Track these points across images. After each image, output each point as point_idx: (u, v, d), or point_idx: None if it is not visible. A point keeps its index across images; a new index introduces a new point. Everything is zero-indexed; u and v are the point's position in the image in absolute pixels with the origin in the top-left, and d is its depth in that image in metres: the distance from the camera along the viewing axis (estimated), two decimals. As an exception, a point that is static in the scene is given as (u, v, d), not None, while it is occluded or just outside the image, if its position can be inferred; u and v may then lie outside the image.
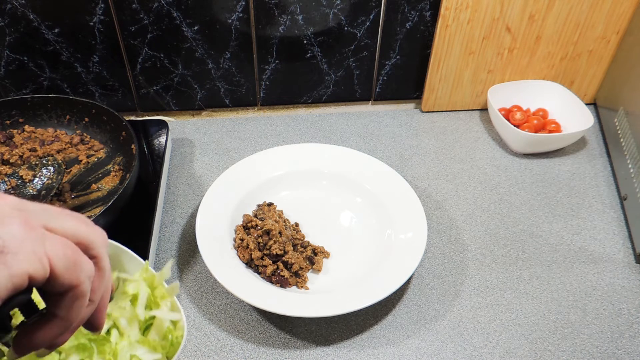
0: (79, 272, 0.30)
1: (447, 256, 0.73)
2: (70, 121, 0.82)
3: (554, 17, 0.84)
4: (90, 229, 0.32)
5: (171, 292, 0.47)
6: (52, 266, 0.28)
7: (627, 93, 0.84)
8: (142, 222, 0.72)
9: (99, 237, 0.33)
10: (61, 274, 0.28)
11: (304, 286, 0.67)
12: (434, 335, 0.65)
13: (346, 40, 0.87)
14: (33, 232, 0.27)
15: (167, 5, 0.80)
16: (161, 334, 0.45)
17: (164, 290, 0.47)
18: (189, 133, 0.91)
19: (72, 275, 0.29)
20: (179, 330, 0.46)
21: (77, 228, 0.31)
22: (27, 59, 0.84)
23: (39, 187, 0.71)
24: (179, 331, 0.46)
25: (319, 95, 0.94)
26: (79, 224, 0.31)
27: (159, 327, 0.45)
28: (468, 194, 0.82)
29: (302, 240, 0.72)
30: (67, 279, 0.29)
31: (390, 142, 0.90)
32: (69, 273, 0.29)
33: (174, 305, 0.47)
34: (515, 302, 0.68)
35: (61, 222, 0.30)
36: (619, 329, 0.66)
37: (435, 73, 0.90)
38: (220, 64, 0.88)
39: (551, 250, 0.74)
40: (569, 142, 0.86)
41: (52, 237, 0.29)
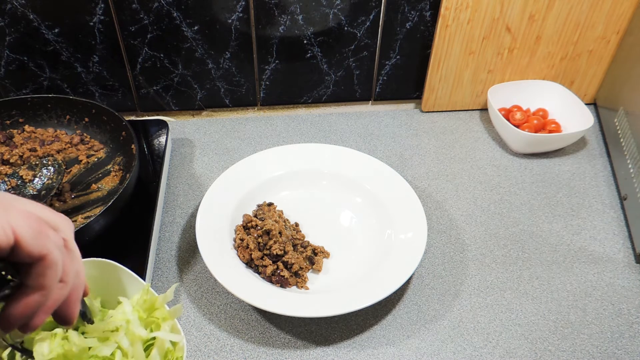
0: (45, 240, 0.30)
1: (447, 256, 0.73)
2: (70, 121, 0.82)
3: (554, 17, 0.84)
4: (55, 214, 0.33)
5: (173, 315, 0.47)
6: (17, 235, 0.29)
7: (627, 93, 0.84)
8: (142, 222, 0.72)
9: (64, 222, 0.34)
10: (27, 243, 0.29)
11: (304, 286, 0.67)
12: (434, 335, 0.65)
13: (346, 40, 0.87)
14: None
15: (167, 5, 0.80)
16: (162, 354, 0.46)
17: (166, 313, 0.47)
18: (189, 133, 0.91)
19: (39, 242, 0.30)
20: (179, 351, 0.47)
21: (42, 210, 0.32)
22: (27, 59, 0.84)
23: (39, 187, 0.71)
24: (178, 352, 0.47)
25: (319, 95, 0.94)
26: (44, 209, 0.32)
27: (160, 348, 0.46)
28: (468, 194, 0.82)
29: (302, 240, 0.72)
30: (35, 247, 0.30)
31: (390, 142, 0.90)
32: (35, 241, 0.29)
33: (175, 327, 0.47)
34: (515, 302, 0.68)
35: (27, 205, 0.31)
36: (619, 329, 0.66)
37: (435, 73, 0.90)
38: (220, 64, 0.88)
39: (551, 250, 0.74)
40: (569, 142, 0.86)
41: (15, 211, 0.29)
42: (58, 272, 0.32)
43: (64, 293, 0.34)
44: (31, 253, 0.30)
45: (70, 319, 0.36)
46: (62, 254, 0.32)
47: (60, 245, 0.32)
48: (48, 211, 0.33)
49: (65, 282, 0.33)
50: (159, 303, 0.48)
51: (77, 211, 0.71)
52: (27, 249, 0.29)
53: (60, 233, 0.33)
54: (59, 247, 0.32)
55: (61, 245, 0.32)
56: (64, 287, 0.33)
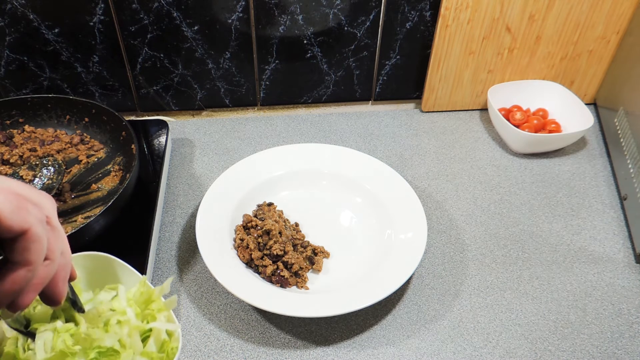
0: (25, 214, 0.30)
1: (447, 256, 0.73)
2: (70, 121, 0.82)
3: (554, 17, 0.84)
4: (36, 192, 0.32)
5: (169, 306, 0.48)
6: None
7: (627, 93, 0.84)
8: (142, 222, 0.72)
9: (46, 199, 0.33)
10: (6, 217, 0.28)
11: (304, 286, 0.67)
12: (434, 335, 0.65)
13: (346, 40, 0.87)
14: None
15: (167, 5, 0.80)
16: (159, 344, 0.46)
17: (162, 304, 0.48)
18: (189, 133, 0.91)
19: (19, 216, 0.29)
20: (174, 342, 0.47)
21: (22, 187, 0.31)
22: (27, 59, 0.84)
23: (39, 187, 0.71)
24: (174, 342, 0.47)
25: (319, 95, 0.94)
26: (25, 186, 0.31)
27: (157, 338, 0.46)
28: (468, 194, 0.82)
29: (302, 240, 0.72)
30: (16, 221, 0.29)
31: (390, 142, 0.90)
32: (15, 215, 0.29)
33: (170, 317, 0.48)
34: (515, 302, 0.68)
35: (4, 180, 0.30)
36: (619, 329, 0.66)
37: (435, 73, 0.90)
38: (220, 64, 0.88)
39: (551, 250, 0.74)
40: (569, 142, 0.86)
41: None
42: (43, 247, 0.31)
43: (50, 270, 0.33)
44: (11, 227, 0.29)
45: (59, 298, 0.35)
46: (45, 229, 0.31)
47: (42, 220, 0.31)
48: (29, 188, 0.32)
49: (51, 259, 0.33)
50: (155, 295, 0.48)
51: (77, 211, 0.71)
52: (6, 222, 0.29)
53: (43, 210, 0.32)
54: (41, 222, 0.31)
55: (43, 221, 0.31)
56: (50, 264, 0.33)
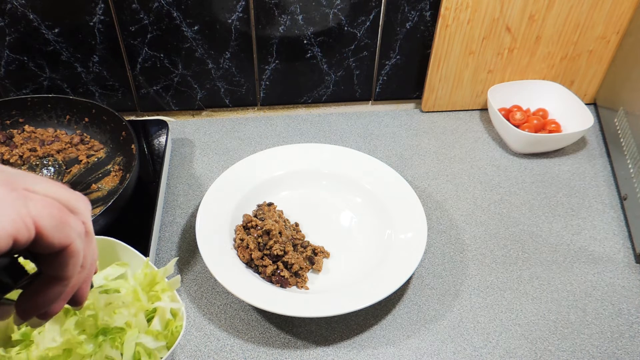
0: (68, 231, 0.29)
1: (447, 256, 0.73)
2: (70, 121, 0.82)
3: (554, 17, 0.84)
4: (73, 195, 0.31)
5: (172, 286, 0.49)
6: (38, 227, 0.27)
7: (627, 93, 0.84)
8: (142, 222, 0.72)
9: (82, 203, 0.32)
10: (50, 234, 0.28)
11: (304, 286, 0.67)
12: (434, 335, 0.65)
13: (346, 40, 0.87)
14: (14, 192, 0.26)
15: (167, 5, 0.80)
16: (163, 323, 0.47)
17: (165, 285, 0.49)
18: (189, 133, 0.91)
19: (62, 233, 0.28)
20: (179, 320, 0.48)
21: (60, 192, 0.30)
22: (27, 59, 0.84)
23: (39, 187, 0.71)
24: (178, 321, 0.48)
25: (319, 95, 0.94)
26: (61, 189, 0.30)
27: (162, 317, 0.47)
28: (468, 194, 0.82)
29: (302, 240, 0.72)
30: (57, 238, 0.28)
31: (390, 142, 0.90)
32: (57, 232, 0.28)
33: (174, 297, 0.49)
34: (515, 302, 0.68)
35: (43, 186, 0.29)
36: (619, 329, 0.66)
37: (435, 73, 0.90)
38: (220, 64, 0.88)
39: (551, 250, 0.74)
40: (569, 142, 0.86)
41: (35, 198, 0.28)
42: (80, 261, 0.30)
43: (82, 278, 0.33)
44: (53, 245, 0.28)
45: (83, 300, 0.34)
46: (82, 242, 0.30)
47: (81, 233, 0.30)
48: (66, 192, 0.31)
49: (84, 267, 0.32)
50: (159, 277, 0.49)
51: (77, 211, 0.71)
52: (49, 240, 0.28)
53: (80, 216, 0.31)
54: (81, 236, 0.30)
55: (82, 233, 0.30)
56: (82, 272, 0.32)
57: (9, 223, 0.25)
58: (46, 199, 0.28)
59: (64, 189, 0.31)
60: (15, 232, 0.26)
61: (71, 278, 0.30)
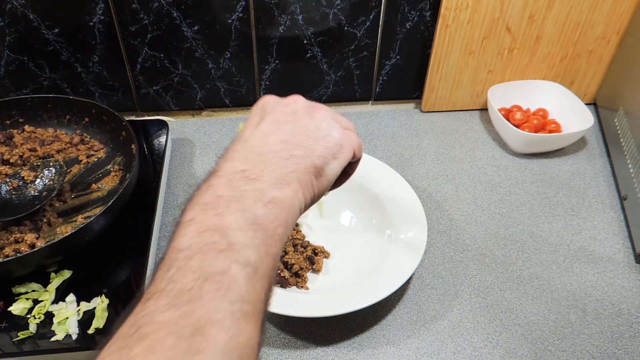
0: (361, 151, 0.46)
1: (447, 256, 0.73)
2: (70, 121, 0.82)
3: (554, 17, 0.84)
4: (349, 123, 0.45)
5: None
6: (355, 148, 0.44)
7: (627, 93, 0.84)
8: (142, 222, 0.72)
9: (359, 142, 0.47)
10: (357, 152, 0.45)
11: (304, 286, 0.67)
12: (434, 335, 0.65)
13: (346, 40, 0.87)
14: (344, 132, 0.43)
15: (167, 5, 0.80)
16: None
17: None
18: (189, 133, 0.91)
19: (360, 152, 0.46)
20: None
21: (347, 122, 0.45)
22: (27, 59, 0.84)
23: (41, 188, 0.71)
24: None
25: (319, 95, 0.94)
26: (350, 123, 0.45)
27: None
28: (468, 194, 0.82)
29: (302, 240, 0.72)
30: (359, 154, 0.45)
31: (390, 142, 0.90)
32: (359, 151, 0.45)
33: None
34: (515, 302, 0.68)
35: (347, 124, 0.45)
36: (619, 329, 0.66)
37: (435, 73, 0.90)
38: (220, 64, 0.88)
39: (551, 250, 0.74)
40: (569, 142, 0.86)
41: (350, 134, 0.44)
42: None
43: None
44: (357, 156, 0.45)
45: None
46: None
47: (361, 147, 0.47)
48: (347, 121, 0.45)
49: None
50: None
51: (77, 211, 0.71)
52: (357, 154, 0.45)
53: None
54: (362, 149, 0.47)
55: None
56: None
57: (350, 148, 0.43)
58: (354, 134, 0.44)
59: (346, 120, 0.45)
60: (352, 152, 0.43)
61: (353, 173, 0.48)
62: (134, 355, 0.26)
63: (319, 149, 0.40)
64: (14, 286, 0.64)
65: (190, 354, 0.26)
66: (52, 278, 0.65)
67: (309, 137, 0.40)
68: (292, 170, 0.38)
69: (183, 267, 0.30)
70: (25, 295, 0.64)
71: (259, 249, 0.32)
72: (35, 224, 0.68)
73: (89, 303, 0.63)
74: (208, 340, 0.27)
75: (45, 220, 0.69)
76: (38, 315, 0.62)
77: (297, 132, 0.40)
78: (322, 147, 0.40)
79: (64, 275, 0.66)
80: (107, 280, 0.66)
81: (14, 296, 0.64)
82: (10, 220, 0.67)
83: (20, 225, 0.68)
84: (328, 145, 0.41)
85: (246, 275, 0.31)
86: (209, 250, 0.31)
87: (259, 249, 0.32)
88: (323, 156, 0.40)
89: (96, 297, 0.63)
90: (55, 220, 0.70)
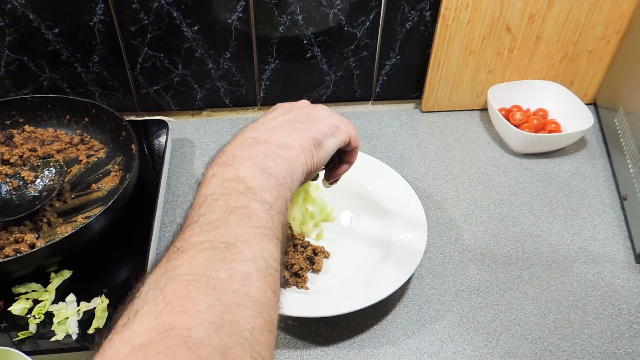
0: (359, 139, 0.52)
1: (447, 256, 0.73)
2: (70, 121, 0.82)
3: (554, 17, 0.84)
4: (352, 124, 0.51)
5: None
6: (352, 136, 0.50)
7: (627, 93, 0.84)
8: (142, 222, 0.72)
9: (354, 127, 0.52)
10: (354, 139, 0.51)
11: (304, 286, 0.67)
12: (434, 335, 0.65)
13: (346, 40, 0.87)
14: (342, 119, 0.49)
15: (167, 5, 0.80)
16: None
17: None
18: (189, 133, 0.91)
19: (357, 140, 0.52)
20: None
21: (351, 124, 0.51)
22: (27, 59, 0.84)
23: (41, 188, 0.71)
24: None
25: (319, 95, 0.94)
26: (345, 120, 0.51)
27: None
28: (468, 194, 0.82)
29: (302, 240, 0.72)
30: (356, 142, 0.51)
31: (390, 142, 0.90)
32: (356, 139, 0.51)
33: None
34: (515, 302, 0.68)
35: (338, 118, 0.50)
36: (619, 329, 0.66)
37: (435, 73, 0.90)
38: (220, 64, 0.88)
39: (551, 250, 0.74)
40: (569, 142, 0.86)
41: (347, 121, 0.50)
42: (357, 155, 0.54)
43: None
44: (354, 144, 0.51)
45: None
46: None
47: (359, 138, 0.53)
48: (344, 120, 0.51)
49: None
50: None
51: (77, 211, 0.71)
52: (354, 142, 0.51)
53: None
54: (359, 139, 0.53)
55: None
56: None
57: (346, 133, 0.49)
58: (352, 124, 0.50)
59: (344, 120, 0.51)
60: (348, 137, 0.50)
61: (353, 163, 0.54)
62: (179, 264, 0.32)
63: (319, 126, 0.47)
64: (14, 286, 0.64)
65: (225, 262, 0.33)
66: (52, 278, 0.66)
67: (311, 118, 0.47)
68: (295, 137, 0.44)
69: (211, 205, 0.37)
70: (25, 295, 0.64)
71: (272, 191, 0.39)
72: (35, 224, 0.68)
73: (89, 303, 0.63)
74: (238, 253, 0.33)
75: (45, 220, 0.69)
76: (38, 315, 0.62)
77: (301, 115, 0.47)
78: (321, 125, 0.47)
79: (64, 275, 0.66)
80: (107, 280, 0.66)
81: (14, 296, 0.64)
82: (10, 220, 0.67)
83: (20, 225, 0.68)
84: (327, 124, 0.47)
85: (264, 210, 0.37)
86: (232, 193, 0.38)
87: (271, 191, 0.39)
88: (322, 132, 0.46)
89: (96, 297, 0.64)
90: (55, 220, 0.70)
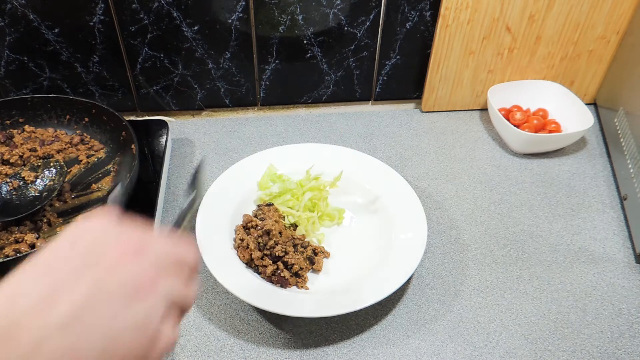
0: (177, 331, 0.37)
1: (447, 256, 0.73)
2: (70, 121, 0.82)
3: (554, 17, 0.84)
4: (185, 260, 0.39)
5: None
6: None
7: (627, 93, 0.84)
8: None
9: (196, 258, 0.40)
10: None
11: (304, 286, 0.67)
12: (434, 335, 0.65)
13: (346, 40, 0.87)
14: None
15: (167, 5, 0.80)
16: None
17: None
18: (189, 133, 0.91)
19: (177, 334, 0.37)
20: None
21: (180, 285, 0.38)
22: (27, 59, 0.84)
23: (41, 188, 0.71)
24: None
25: (319, 95, 0.94)
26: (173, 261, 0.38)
27: None
28: (468, 194, 0.82)
29: (302, 241, 0.72)
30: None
31: (390, 142, 0.90)
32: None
33: None
34: (515, 302, 0.68)
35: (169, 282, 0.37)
36: (619, 329, 0.66)
37: (435, 73, 0.90)
38: (220, 64, 0.88)
39: (551, 250, 0.74)
40: (569, 142, 0.86)
41: (172, 318, 0.36)
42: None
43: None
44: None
45: None
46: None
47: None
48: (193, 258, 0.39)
49: None
50: None
51: (77, 211, 0.71)
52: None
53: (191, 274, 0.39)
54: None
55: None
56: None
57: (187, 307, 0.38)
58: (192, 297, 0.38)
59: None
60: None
61: None
62: None
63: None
64: (14, 286, 0.64)
65: None
66: (52, 278, 0.65)
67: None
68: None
69: None
70: (25, 295, 0.64)
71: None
72: (35, 224, 0.69)
73: (89, 303, 0.63)
74: None
75: (45, 220, 0.69)
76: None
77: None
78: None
79: (64, 275, 0.66)
80: (107, 280, 0.66)
81: (14, 296, 0.64)
82: (10, 220, 0.67)
83: (20, 225, 0.68)
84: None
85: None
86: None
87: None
88: None
89: (96, 297, 0.63)
90: (55, 220, 0.70)
